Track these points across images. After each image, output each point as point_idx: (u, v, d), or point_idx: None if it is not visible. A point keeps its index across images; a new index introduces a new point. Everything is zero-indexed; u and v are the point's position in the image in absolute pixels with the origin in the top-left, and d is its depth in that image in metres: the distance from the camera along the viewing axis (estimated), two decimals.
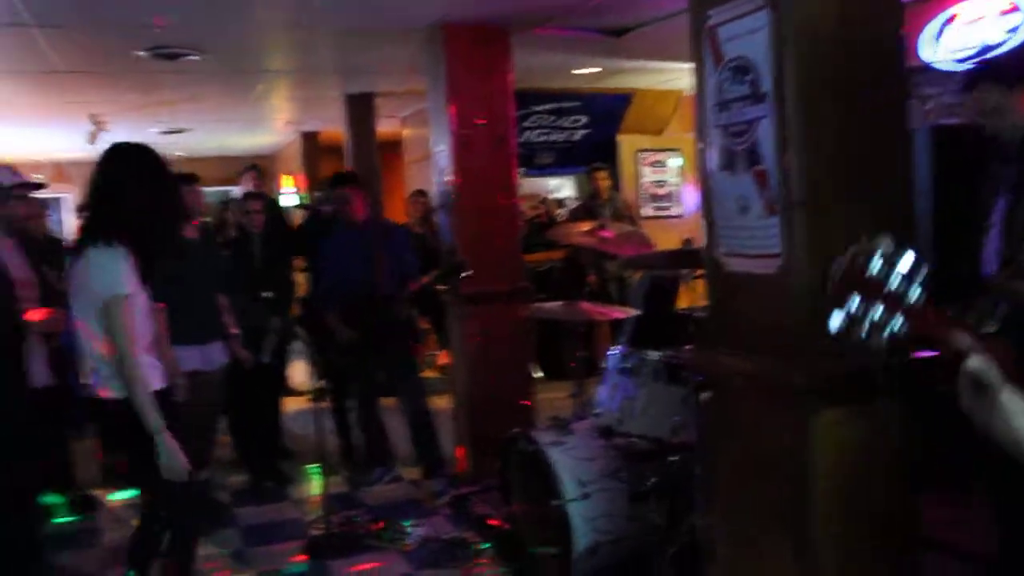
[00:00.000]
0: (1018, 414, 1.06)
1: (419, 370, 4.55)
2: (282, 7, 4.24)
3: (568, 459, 2.97)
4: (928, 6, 4.40)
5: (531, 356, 4.63)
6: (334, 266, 4.31)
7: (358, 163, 7.00)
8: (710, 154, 2.15)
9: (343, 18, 4.33)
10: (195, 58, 4.96)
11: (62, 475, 4.05)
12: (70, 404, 3.66)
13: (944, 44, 4.41)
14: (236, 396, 4.55)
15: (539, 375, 5.56)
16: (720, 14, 2.06)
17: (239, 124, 8.63)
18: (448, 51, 4.38)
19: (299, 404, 5.87)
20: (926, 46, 4.44)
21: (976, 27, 4.30)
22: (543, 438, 3.09)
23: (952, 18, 4.37)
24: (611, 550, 2.93)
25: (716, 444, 2.26)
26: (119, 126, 7.57)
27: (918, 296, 1.06)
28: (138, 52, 4.78)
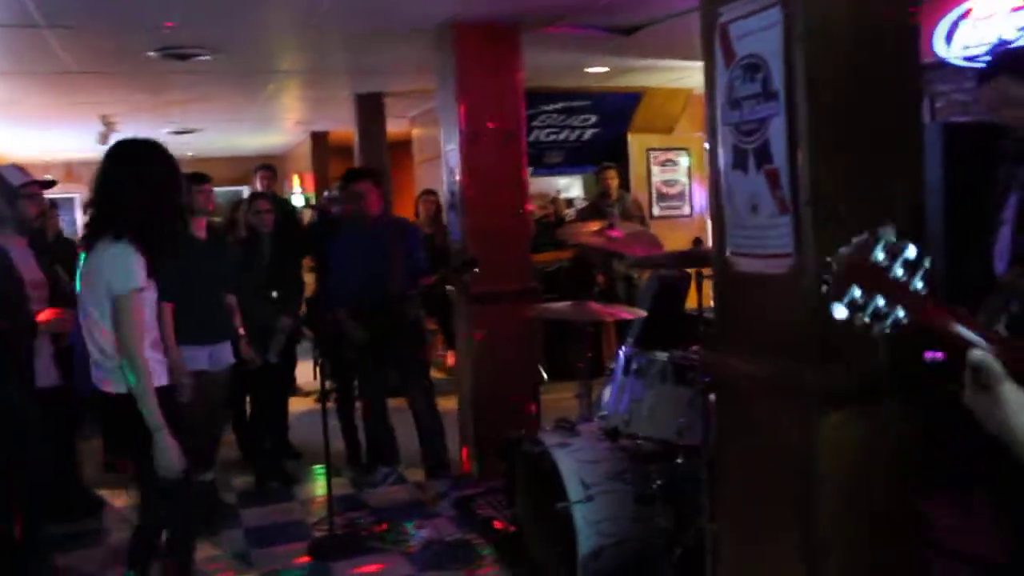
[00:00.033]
0: (1018, 410, 1.05)
1: (429, 370, 4.53)
2: (292, 8, 4.24)
3: (573, 461, 2.94)
4: (941, 2, 4.35)
5: (538, 357, 4.60)
6: (346, 263, 4.27)
7: (367, 163, 7.00)
8: (720, 153, 2.13)
9: (353, 18, 4.33)
10: (206, 58, 4.97)
11: (67, 475, 4.05)
12: (76, 404, 3.66)
13: (956, 41, 4.36)
14: (242, 396, 4.57)
15: (544, 376, 5.54)
16: (731, 11, 2.04)
17: (249, 124, 8.66)
18: (458, 50, 4.36)
19: (305, 404, 5.89)
20: (938, 43, 4.39)
21: (989, 24, 4.25)
22: (548, 439, 3.07)
23: (965, 14, 4.31)
24: (615, 553, 2.90)
25: (724, 445, 2.24)
26: (130, 126, 7.60)
27: (920, 287, 1.04)
28: (149, 52, 4.80)
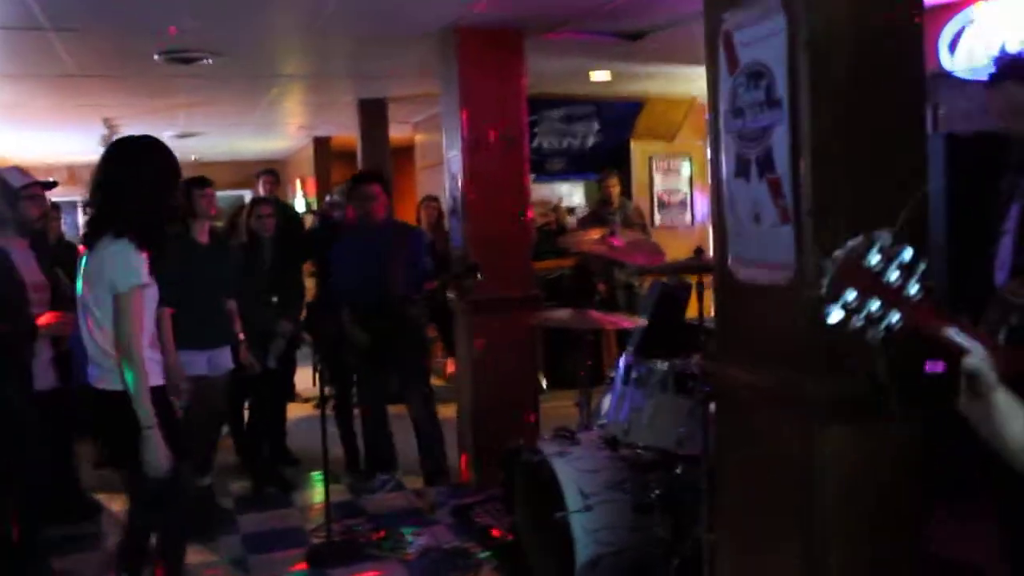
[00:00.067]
0: (1011, 416, 1.03)
1: (429, 377, 4.51)
2: (296, 12, 4.24)
3: (572, 470, 2.93)
4: (945, 12, 4.35)
5: (538, 365, 4.58)
6: (349, 266, 4.26)
7: (370, 168, 7.00)
8: (723, 161, 2.11)
9: (358, 21, 4.33)
10: (209, 62, 4.98)
11: (65, 478, 4.03)
12: (74, 407, 3.65)
13: (960, 51, 4.35)
14: (241, 401, 4.55)
15: (544, 384, 5.52)
16: (735, 18, 2.03)
17: (252, 128, 8.67)
18: (461, 55, 4.35)
19: (304, 410, 5.87)
20: (942, 53, 4.38)
21: (993, 34, 4.24)
22: (547, 448, 3.05)
23: (969, 23, 4.31)
24: (613, 562, 2.88)
25: (724, 455, 2.22)
26: (133, 130, 7.53)
27: (916, 291, 1.02)
28: (153, 56, 4.80)
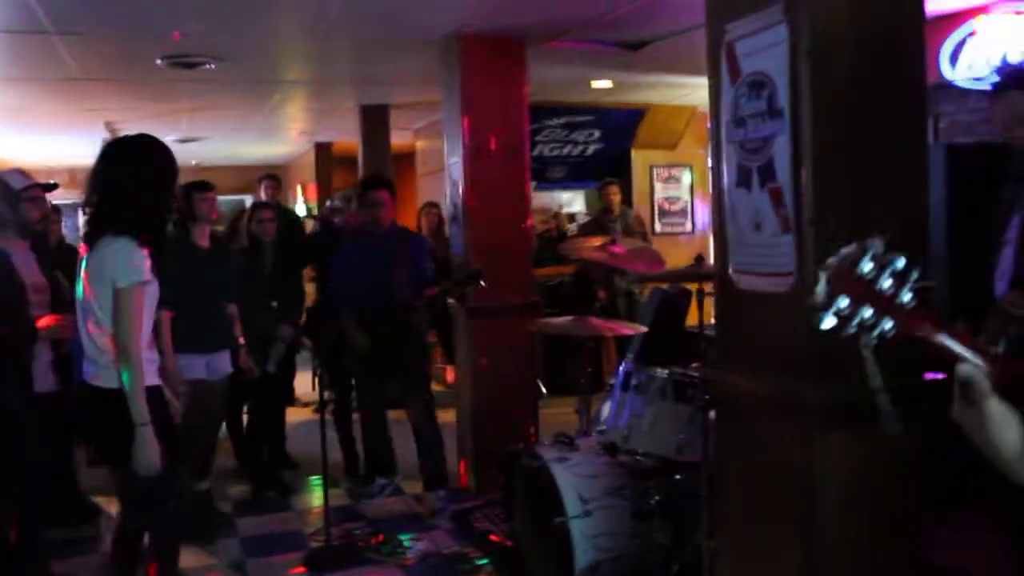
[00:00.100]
0: (1004, 425, 1.04)
1: (430, 383, 4.52)
2: (299, 17, 4.26)
3: (571, 475, 2.93)
4: (947, 23, 4.37)
5: (538, 372, 4.58)
6: (356, 273, 4.26)
7: (371, 174, 7.00)
8: (724, 171, 2.13)
9: (360, 29, 4.35)
10: (212, 67, 4.99)
11: (64, 481, 4.03)
12: (74, 410, 3.64)
13: (961, 62, 4.37)
14: (240, 405, 4.55)
15: (544, 390, 5.52)
16: (737, 28, 2.04)
17: (254, 133, 8.69)
18: (463, 62, 4.37)
19: (303, 415, 5.87)
20: (943, 63, 4.40)
21: (995, 45, 4.25)
22: (547, 454, 3.06)
23: (971, 35, 4.32)
24: (612, 568, 2.89)
25: (724, 462, 2.23)
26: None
27: (908, 299, 1.03)
28: (156, 60, 4.82)
